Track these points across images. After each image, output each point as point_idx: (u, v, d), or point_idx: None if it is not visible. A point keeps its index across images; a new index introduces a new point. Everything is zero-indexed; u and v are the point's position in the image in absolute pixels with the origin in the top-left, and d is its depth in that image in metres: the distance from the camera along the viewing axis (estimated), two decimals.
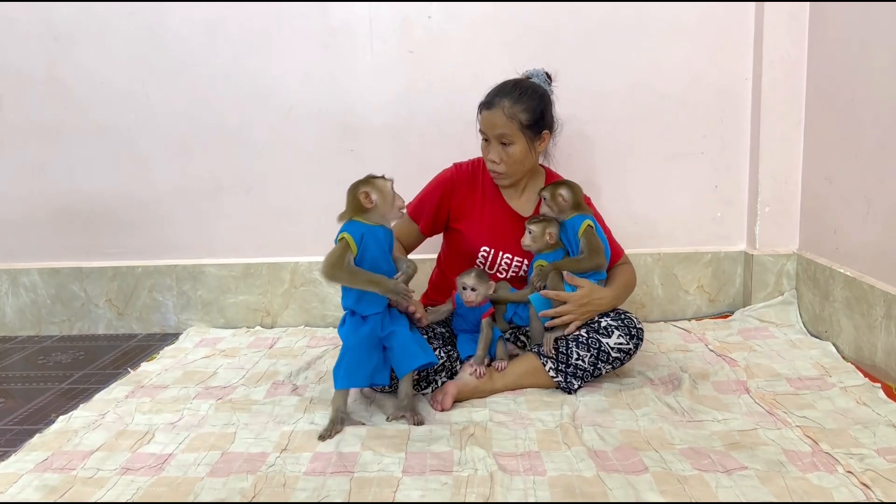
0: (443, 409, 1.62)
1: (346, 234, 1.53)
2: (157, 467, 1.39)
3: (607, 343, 1.71)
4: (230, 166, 2.37)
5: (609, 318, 1.74)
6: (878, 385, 1.66)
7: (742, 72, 2.25)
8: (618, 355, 1.72)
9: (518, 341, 1.88)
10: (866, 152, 1.86)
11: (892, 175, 1.75)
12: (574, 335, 1.72)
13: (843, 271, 1.95)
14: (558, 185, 1.79)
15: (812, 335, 2.10)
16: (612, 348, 1.71)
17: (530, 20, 2.23)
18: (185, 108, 2.33)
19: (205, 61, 2.30)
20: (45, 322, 2.47)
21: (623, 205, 2.32)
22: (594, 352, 1.71)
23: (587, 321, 1.74)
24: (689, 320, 2.33)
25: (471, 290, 1.68)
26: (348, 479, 1.32)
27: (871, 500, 1.20)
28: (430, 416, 1.59)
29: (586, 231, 1.73)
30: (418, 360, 1.55)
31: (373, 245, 1.54)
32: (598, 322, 1.74)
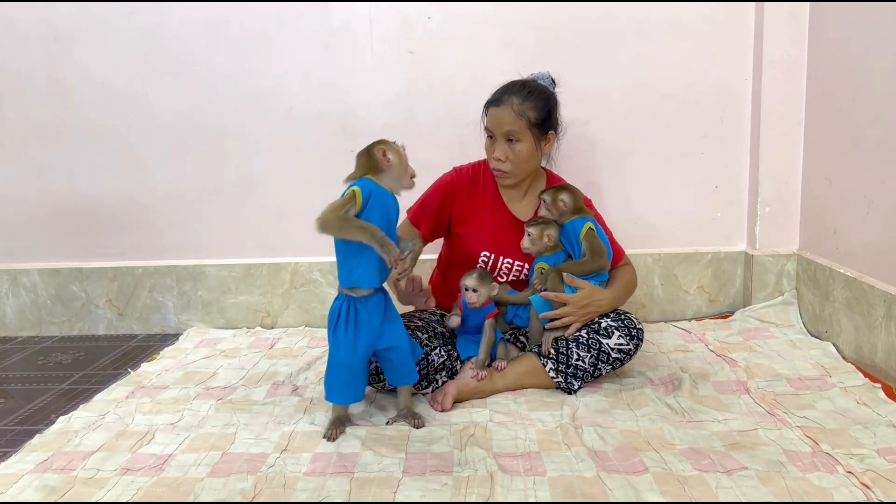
0: (443, 410, 1.62)
1: (357, 187, 1.43)
2: (157, 468, 1.39)
3: (607, 344, 1.71)
4: (230, 166, 2.37)
5: (609, 319, 1.74)
6: (879, 385, 1.66)
7: (742, 72, 2.25)
8: (618, 356, 1.72)
9: (518, 342, 1.88)
10: (866, 152, 1.86)
11: (892, 175, 1.75)
12: (574, 336, 1.72)
13: (843, 271, 1.95)
14: (559, 189, 1.78)
15: (812, 335, 2.10)
16: (613, 349, 1.71)
17: (530, 20, 2.23)
18: (186, 108, 2.33)
19: (205, 62, 2.30)
20: (45, 322, 2.47)
21: (623, 205, 2.32)
22: (594, 352, 1.70)
23: (587, 322, 1.74)
24: (690, 320, 2.33)
25: (472, 291, 1.68)
26: (348, 479, 1.32)
27: (871, 501, 1.20)
28: (430, 417, 1.59)
29: (588, 233, 1.73)
30: (415, 376, 1.60)
31: (378, 208, 1.45)
32: (599, 323, 1.74)
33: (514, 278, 1.88)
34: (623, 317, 1.76)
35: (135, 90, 2.33)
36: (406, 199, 1.62)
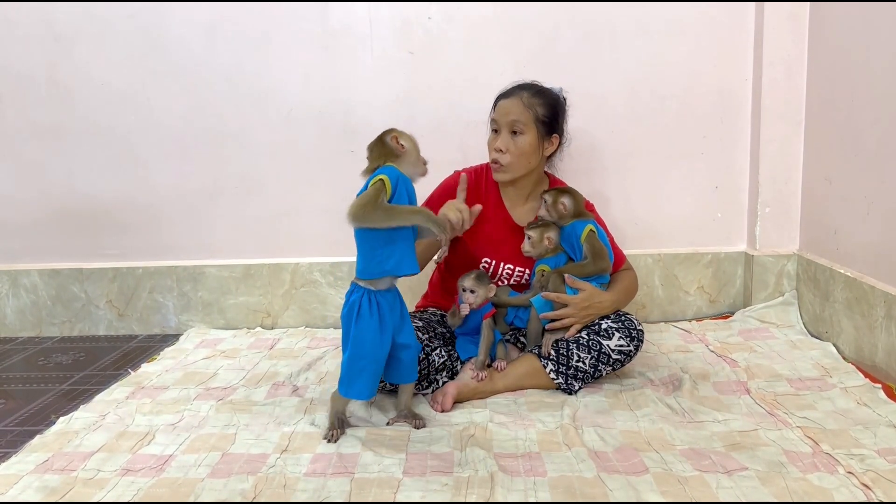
0: (443, 410, 1.62)
1: (384, 175, 1.39)
2: (157, 468, 1.39)
3: (608, 345, 1.71)
4: (230, 167, 2.37)
5: (610, 321, 1.74)
6: (879, 385, 1.66)
7: (742, 72, 2.25)
8: (618, 357, 1.72)
9: (518, 343, 1.88)
10: (866, 153, 1.86)
11: (892, 175, 1.75)
12: (574, 337, 1.72)
13: (843, 272, 1.95)
14: (561, 191, 1.78)
15: (812, 336, 2.10)
16: (613, 350, 1.71)
17: (530, 21, 2.23)
18: (186, 109, 2.33)
19: (205, 63, 2.30)
20: (45, 323, 2.47)
21: (623, 205, 2.32)
22: (595, 354, 1.70)
23: (588, 324, 1.74)
24: (690, 321, 2.33)
25: (469, 292, 1.68)
26: (349, 479, 1.32)
27: (871, 501, 1.20)
28: (430, 417, 1.59)
29: (589, 236, 1.73)
30: (416, 375, 1.60)
31: (405, 194, 1.42)
32: (599, 324, 1.74)
33: (516, 283, 1.87)
34: (623, 318, 1.76)
35: (135, 91, 2.33)
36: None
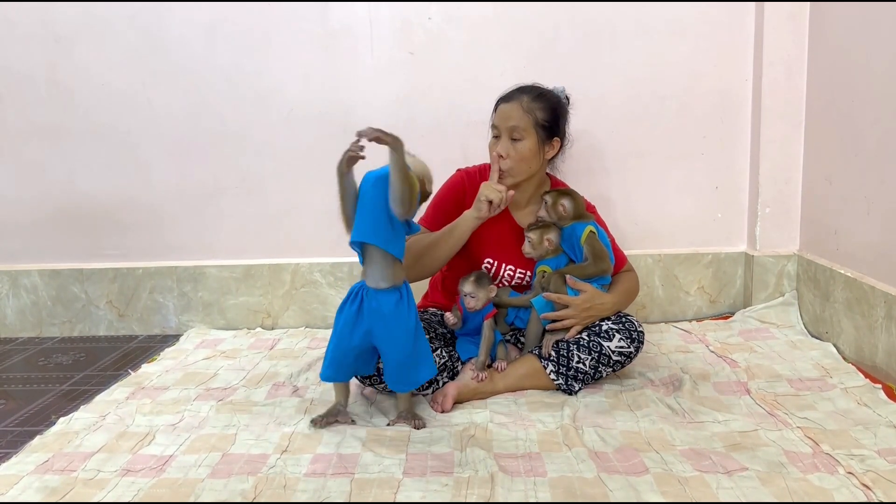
0: (443, 411, 1.62)
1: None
2: (157, 469, 1.39)
3: (608, 347, 1.71)
4: (231, 168, 2.37)
5: (610, 322, 1.74)
6: (879, 386, 1.66)
7: (742, 72, 2.25)
8: (619, 359, 1.72)
9: (518, 343, 1.88)
10: (867, 153, 1.86)
11: (892, 176, 1.75)
12: (575, 338, 1.72)
13: (843, 272, 1.95)
14: (561, 193, 1.78)
15: (813, 336, 2.10)
16: (613, 352, 1.71)
17: (530, 21, 2.23)
18: (186, 109, 2.34)
19: (205, 63, 2.30)
20: (45, 323, 2.47)
21: (623, 206, 2.32)
22: (595, 355, 1.70)
23: (588, 325, 1.74)
24: (690, 321, 2.33)
25: (470, 297, 1.68)
26: (349, 480, 1.32)
27: (871, 501, 1.20)
28: (430, 418, 1.59)
29: (589, 237, 1.73)
30: (408, 387, 1.56)
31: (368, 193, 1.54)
32: (600, 325, 1.74)
33: (517, 285, 1.87)
34: (624, 319, 1.75)
35: (135, 91, 2.33)
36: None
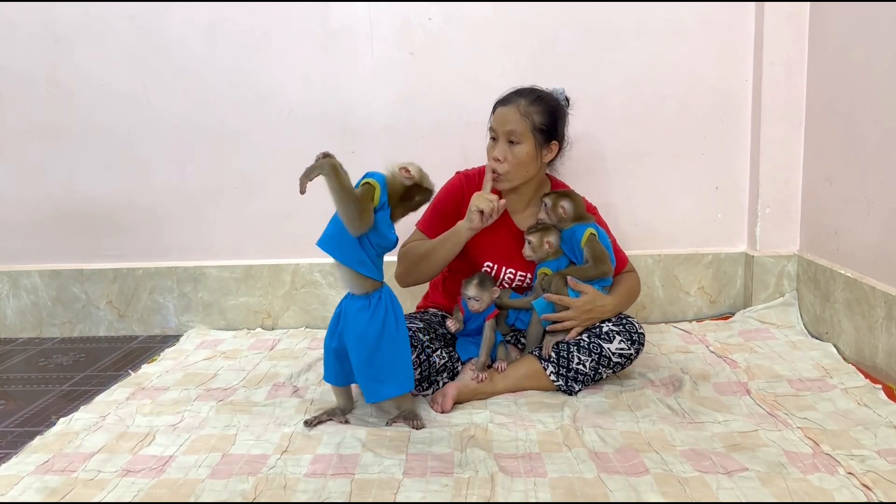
0: (443, 411, 1.62)
1: (372, 179, 1.56)
2: (157, 469, 1.39)
3: (608, 348, 1.71)
4: (231, 168, 2.37)
5: (611, 324, 1.74)
6: (879, 386, 1.66)
7: (742, 73, 2.25)
8: (619, 360, 1.72)
9: (519, 344, 1.88)
10: (867, 153, 1.86)
11: (892, 176, 1.75)
12: (575, 340, 1.72)
13: (843, 272, 1.95)
14: (561, 195, 1.78)
15: (813, 336, 2.10)
16: (614, 353, 1.71)
17: (530, 22, 2.23)
18: (186, 110, 2.34)
19: (205, 64, 2.30)
20: (45, 324, 2.47)
21: (623, 206, 2.32)
22: (595, 356, 1.70)
23: (589, 326, 1.73)
24: (690, 321, 2.33)
25: (474, 300, 1.68)
26: (349, 480, 1.32)
27: (872, 502, 1.20)
28: (430, 418, 1.59)
29: (589, 239, 1.73)
30: (375, 397, 1.53)
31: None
32: (600, 327, 1.73)
33: (517, 287, 1.87)
34: (625, 321, 1.75)
35: (135, 92, 2.33)
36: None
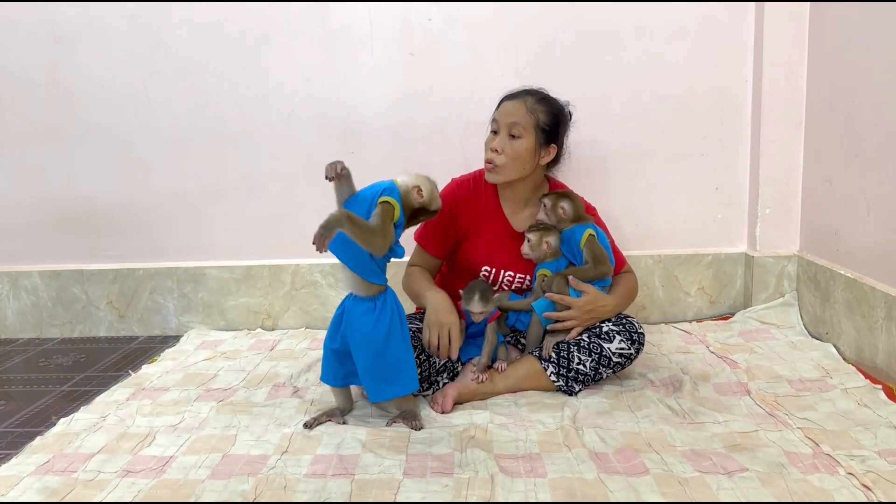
0: (443, 411, 1.62)
1: (391, 199, 1.47)
2: (158, 469, 1.39)
3: (609, 348, 1.71)
4: (231, 169, 2.37)
5: (611, 324, 1.74)
6: (879, 387, 1.66)
7: (742, 73, 2.25)
8: (619, 360, 1.72)
9: (519, 344, 1.88)
10: (867, 153, 1.86)
11: (892, 176, 1.75)
12: (576, 340, 1.72)
13: (843, 273, 1.95)
14: (561, 196, 1.78)
15: (813, 337, 2.10)
16: (614, 353, 1.71)
17: (530, 22, 2.23)
18: (186, 110, 2.34)
19: (205, 64, 2.30)
20: (45, 324, 2.47)
21: (623, 206, 2.32)
22: (595, 356, 1.70)
23: (589, 326, 1.74)
24: (690, 322, 2.33)
25: (478, 315, 1.68)
26: (349, 481, 1.32)
27: (872, 502, 1.20)
28: (430, 419, 1.59)
29: (589, 240, 1.73)
30: (382, 396, 1.55)
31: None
32: (600, 327, 1.74)
33: (517, 289, 1.87)
34: (625, 321, 1.75)
35: (135, 92, 2.33)
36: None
